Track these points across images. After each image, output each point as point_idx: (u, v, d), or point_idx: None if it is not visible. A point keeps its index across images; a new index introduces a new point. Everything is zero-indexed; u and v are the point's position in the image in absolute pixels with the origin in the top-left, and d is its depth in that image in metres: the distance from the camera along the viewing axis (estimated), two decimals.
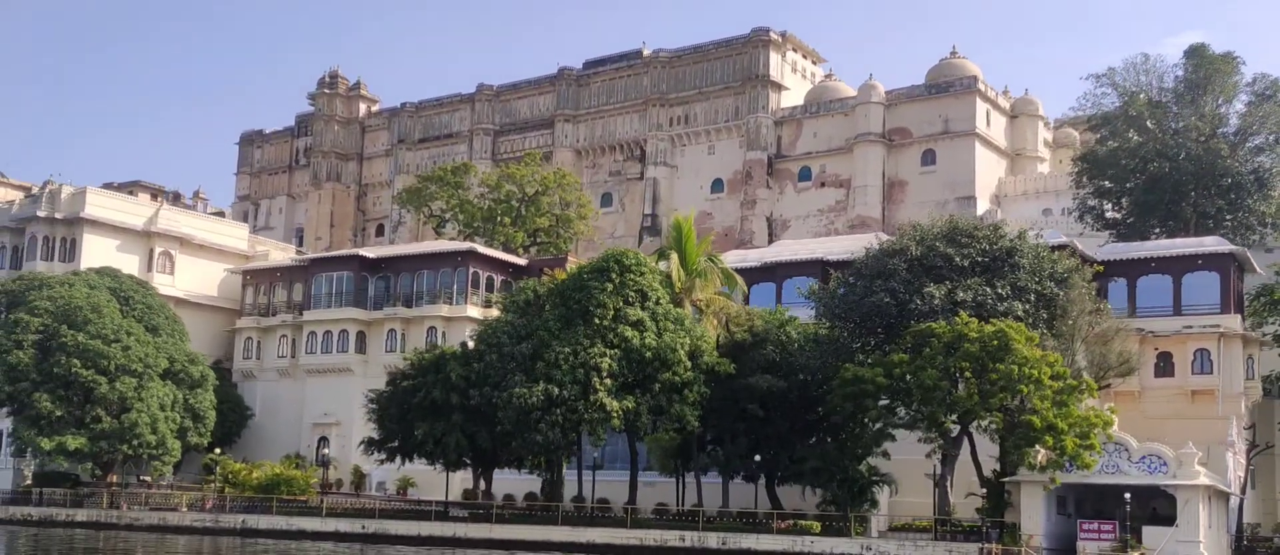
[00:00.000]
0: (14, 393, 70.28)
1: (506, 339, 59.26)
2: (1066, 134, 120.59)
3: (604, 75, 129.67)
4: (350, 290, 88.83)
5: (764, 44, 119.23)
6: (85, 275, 78.29)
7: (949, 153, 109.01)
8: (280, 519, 68.15)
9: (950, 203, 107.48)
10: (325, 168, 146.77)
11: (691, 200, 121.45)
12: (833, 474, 56.27)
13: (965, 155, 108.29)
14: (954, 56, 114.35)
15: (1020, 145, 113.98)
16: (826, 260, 77.46)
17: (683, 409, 56.83)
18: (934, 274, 55.28)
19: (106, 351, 71.14)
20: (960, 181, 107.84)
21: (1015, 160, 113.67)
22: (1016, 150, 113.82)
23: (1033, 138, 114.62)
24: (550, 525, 60.54)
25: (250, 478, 72.86)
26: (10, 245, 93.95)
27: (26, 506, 78.10)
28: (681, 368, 56.96)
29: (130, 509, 73.81)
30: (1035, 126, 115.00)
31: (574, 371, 56.52)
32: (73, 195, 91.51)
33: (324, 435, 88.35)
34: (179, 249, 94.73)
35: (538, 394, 56.02)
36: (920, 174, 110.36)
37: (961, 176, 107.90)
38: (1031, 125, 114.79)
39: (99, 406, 71.02)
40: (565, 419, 56.44)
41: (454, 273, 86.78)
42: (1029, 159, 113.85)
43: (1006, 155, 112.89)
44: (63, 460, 71.81)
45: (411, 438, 61.14)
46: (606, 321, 57.89)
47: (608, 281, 58.73)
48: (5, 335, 71.03)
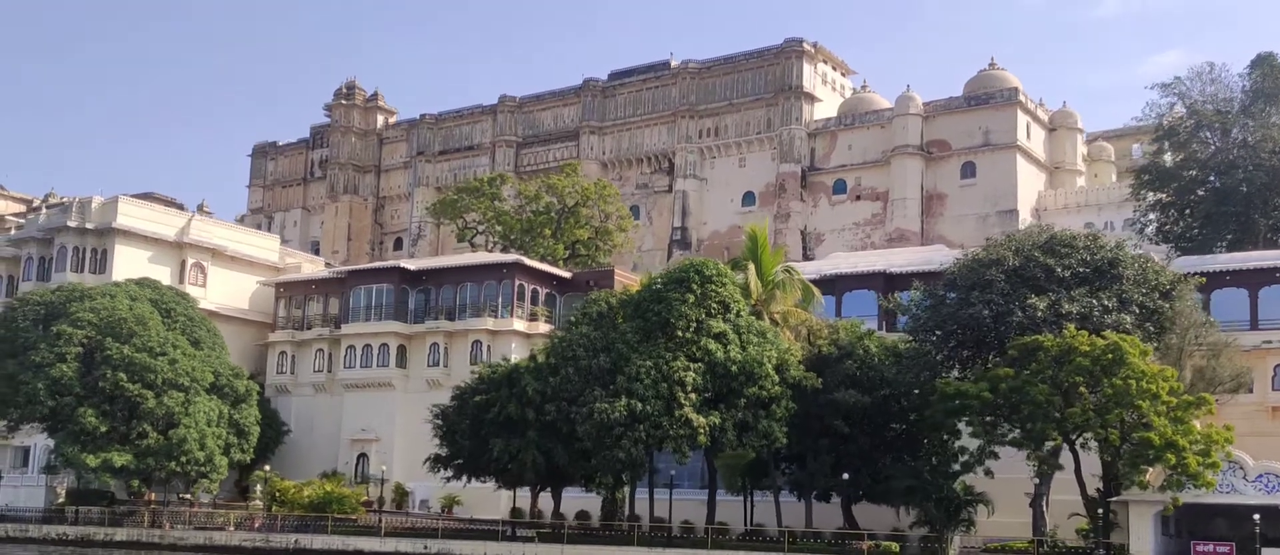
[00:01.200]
0: (56, 407, 67.39)
1: (582, 352, 56.86)
2: (1100, 148, 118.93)
3: (631, 86, 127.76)
4: (390, 303, 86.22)
5: (797, 55, 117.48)
6: (126, 286, 75.57)
7: (990, 165, 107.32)
8: (336, 539, 65.41)
9: (991, 216, 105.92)
10: (342, 180, 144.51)
11: (722, 213, 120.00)
12: (928, 492, 53.89)
13: (1007, 168, 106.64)
14: (993, 68, 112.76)
15: (1059, 158, 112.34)
16: (888, 272, 75.37)
17: (770, 424, 54.52)
18: (1033, 285, 53.12)
19: (153, 365, 68.42)
20: (1002, 194, 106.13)
21: (1054, 174, 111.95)
22: (1055, 164, 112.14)
23: (1072, 151, 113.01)
24: (626, 546, 58.11)
25: (300, 496, 70.15)
26: (37, 256, 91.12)
27: (62, 525, 75.20)
28: (769, 382, 54.68)
29: (173, 528, 71.01)
30: (1074, 140, 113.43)
31: (656, 386, 54.20)
32: (103, 205, 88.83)
33: (363, 451, 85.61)
34: (211, 260, 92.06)
35: (620, 409, 53.67)
36: (960, 186, 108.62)
37: (1003, 189, 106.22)
38: (1070, 138, 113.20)
39: (145, 422, 68.24)
40: (648, 435, 54.10)
41: (499, 285, 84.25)
42: (1068, 172, 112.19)
43: (1046, 168, 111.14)
44: (108, 478, 68.98)
45: (484, 454, 58.52)
46: (688, 334, 55.61)
47: (688, 292, 56.41)
48: (47, 348, 68.18)
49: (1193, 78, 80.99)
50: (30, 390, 67.21)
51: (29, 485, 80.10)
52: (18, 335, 71.19)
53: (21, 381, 67.87)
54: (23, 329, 71.37)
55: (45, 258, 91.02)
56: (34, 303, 73.13)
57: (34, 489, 79.45)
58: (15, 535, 76.22)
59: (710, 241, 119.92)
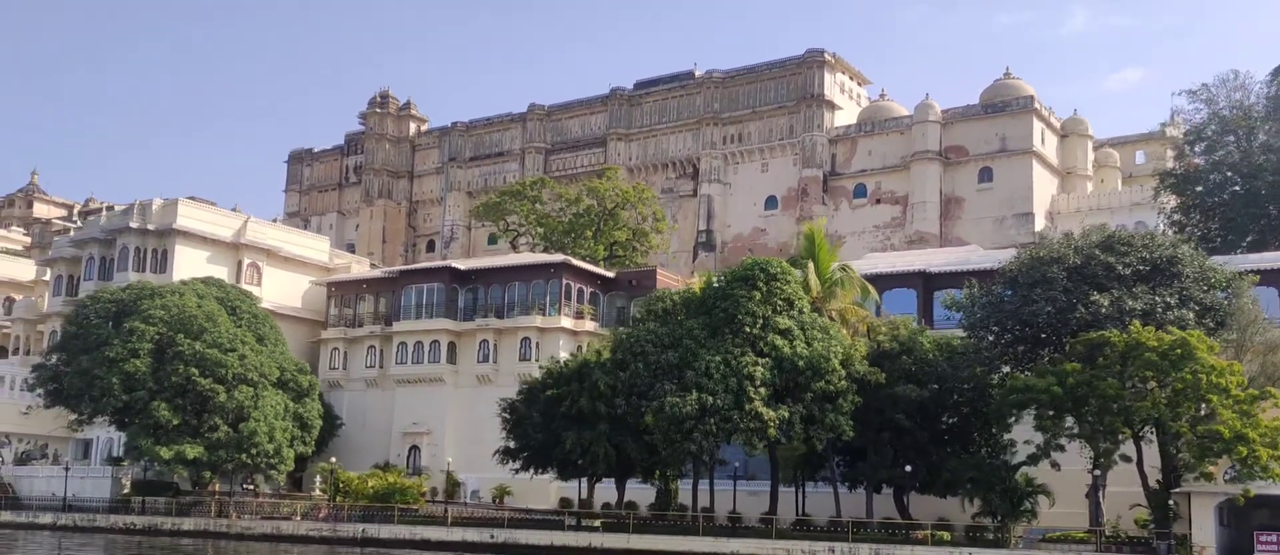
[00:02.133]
0: (130, 401, 65.68)
1: (651, 348, 55.31)
2: (1106, 154, 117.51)
3: (656, 95, 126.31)
4: (441, 301, 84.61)
5: (819, 65, 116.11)
6: (193, 284, 73.90)
7: (1006, 170, 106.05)
8: (403, 528, 63.75)
9: (1008, 219, 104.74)
10: (377, 185, 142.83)
11: (745, 217, 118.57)
12: (991, 484, 52.39)
13: (1023, 173, 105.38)
14: (1008, 77, 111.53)
15: (1070, 164, 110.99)
16: (928, 272, 74.00)
17: (837, 418, 52.99)
18: (1093, 282, 51.67)
19: (223, 360, 66.74)
20: (1018, 198, 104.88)
21: (1065, 178, 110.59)
22: (1067, 169, 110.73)
23: (1083, 157, 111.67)
24: (690, 535, 56.47)
25: (364, 486, 68.47)
26: (99, 256, 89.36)
27: (128, 515, 73.43)
28: (836, 376, 53.15)
29: (240, 518, 69.27)
30: (1085, 146, 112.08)
31: (726, 380, 52.68)
32: (163, 207, 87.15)
33: (415, 444, 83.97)
34: (266, 261, 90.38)
35: (691, 402, 52.13)
36: (977, 191, 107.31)
37: (1019, 194, 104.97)
38: (1081, 145, 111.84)
39: (216, 415, 66.52)
40: (718, 428, 52.56)
41: (546, 284, 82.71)
42: (1079, 177, 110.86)
43: (1058, 173, 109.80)
44: (182, 469, 67.20)
45: (555, 446, 56.85)
46: (755, 330, 54.11)
47: (754, 290, 54.93)
48: (121, 344, 66.45)
49: (1218, 85, 79.69)
50: (104, 384, 65.52)
51: (94, 476, 78.22)
52: (90, 332, 69.49)
53: (96, 376, 66.18)
54: (94, 326, 69.68)
55: (106, 258, 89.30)
56: (105, 300, 71.40)
57: (100, 480, 77.55)
58: (83, 524, 74.56)
59: (734, 244, 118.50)
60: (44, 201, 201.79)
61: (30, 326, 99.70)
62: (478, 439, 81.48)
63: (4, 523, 78.74)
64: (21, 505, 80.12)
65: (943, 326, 63.93)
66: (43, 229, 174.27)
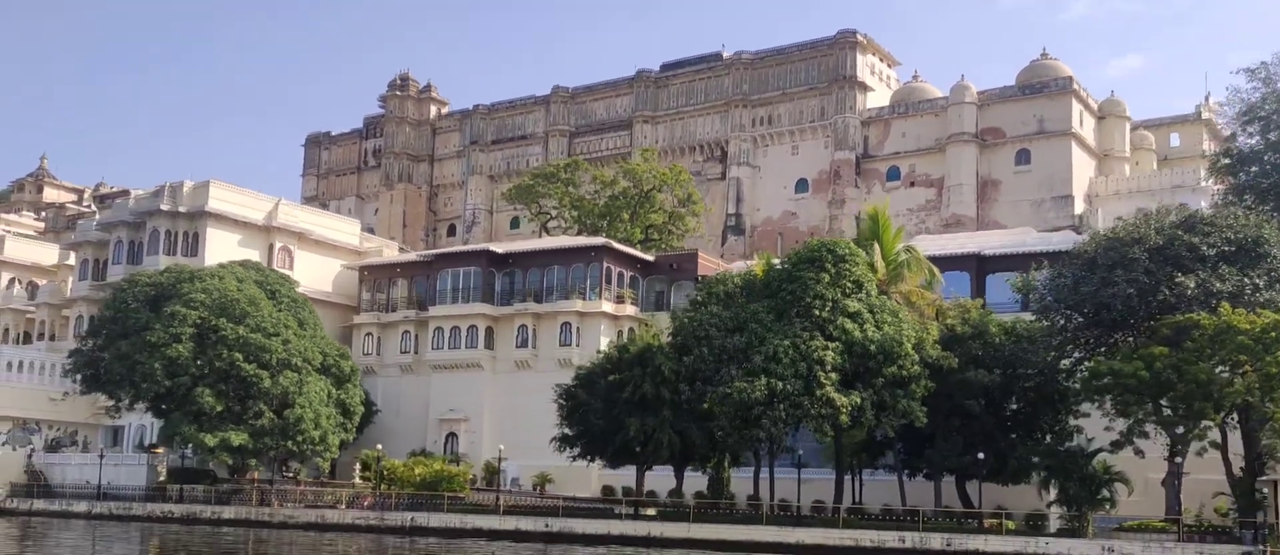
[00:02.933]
0: (173, 387, 64.09)
1: (715, 332, 53.76)
2: (1141, 137, 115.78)
3: (683, 77, 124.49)
4: (477, 286, 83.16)
5: (851, 46, 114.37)
6: (231, 267, 72.34)
7: (1044, 152, 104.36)
8: (453, 517, 62.33)
9: (1047, 202, 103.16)
10: (397, 169, 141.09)
11: (775, 200, 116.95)
12: (1068, 472, 50.93)
13: (1062, 155, 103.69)
14: (1044, 58, 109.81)
15: (1108, 146, 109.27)
16: (982, 254, 72.64)
17: (910, 404, 51.52)
18: (1177, 263, 50.13)
19: (267, 345, 65.18)
20: (1057, 181, 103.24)
21: (1103, 161, 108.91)
22: (1104, 151, 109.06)
23: (1120, 139, 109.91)
24: (754, 525, 55.01)
25: (410, 474, 67.00)
26: (128, 240, 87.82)
27: (165, 503, 72.04)
28: (909, 361, 51.67)
29: (283, 506, 67.81)
30: (1123, 128, 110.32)
31: (795, 365, 51.18)
32: (194, 189, 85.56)
33: (452, 431, 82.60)
34: (297, 244, 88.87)
35: (760, 388, 50.63)
36: (1015, 173, 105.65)
37: (1058, 176, 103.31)
38: (1119, 127, 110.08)
39: (260, 401, 64.97)
40: (788, 414, 51.08)
41: (586, 268, 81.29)
42: (1117, 160, 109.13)
43: (1095, 155, 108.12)
44: (227, 457, 65.66)
45: (617, 433, 55.29)
46: (824, 313, 52.58)
47: (823, 272, 53.40)
48: (162, 328, 64.85)
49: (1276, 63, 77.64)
50: (146, 370, 63.92)
51: (129, 464, 76.73)
52: (129, 316, 67.94)
53: (137, 361, 64.61)
54: (133, 310, 68.08)
55: (135, 241, 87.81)
56: (143, 284, 69.82)
57: (134, 468, 76.07)
58: (119, 513, 73.15)
59: (763, 227, 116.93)
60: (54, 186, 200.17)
61: (55, 312, 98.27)
62: (517, 425, 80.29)
63: (37, 511, 77.41)
64: (54, 493, 78.78)
65: (997, 309, 62.47)
66: (57, 213, 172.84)
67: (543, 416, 79.07)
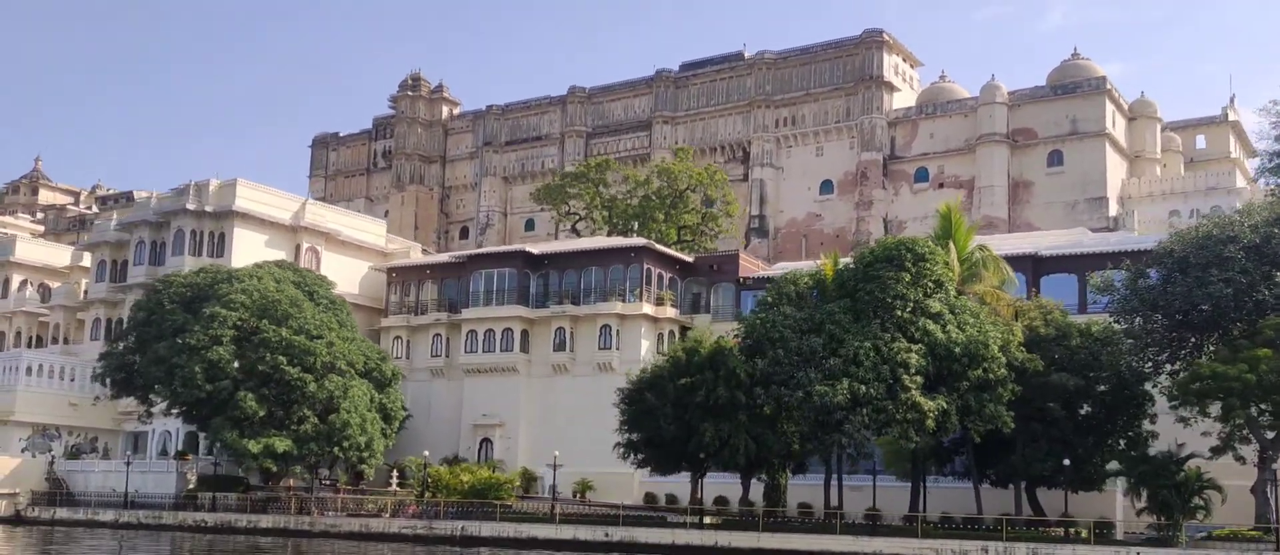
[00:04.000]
0: (213, 391, 61.62)
1: (790, 333, 51.73)
2: (1169, 138, 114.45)
3: (704, 77, 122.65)
4: (513, 287, 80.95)
5: (877, 45, 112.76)
6: (268, 267, 69.96)
7: (1077, 154, 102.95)
8: (505, 525, 60.02)
9: (1080, 203, 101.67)
10: (408, 170, 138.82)
11: (799, 202, 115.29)
12: (1160, 479, 49.05)
13: (1095, 156, 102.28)
14: (1076, 58, 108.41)
15: (1139, 148, 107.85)
16: (1038, 255, 70.87)
17: (997, 409, 49.62)
18: (1276, 262, 48.37)
19: (311, 347, 62.78)
20: (1091, 182, 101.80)
21: (1134, 162, 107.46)
22: (1135, 152, 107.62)
23: (1151, 141, 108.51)
24: (826, 534, 52.86)
25: (457, 481, 64.76)
26: (150, 240, 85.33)
27: (197, 512, 69.53)
28: (996, 363, 49.76)
29: (323, 515, 65.45)
30: (1154, 129, 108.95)
31: (877, 368, 49.22)
32: (220, 188, 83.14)
33: (486, 436, 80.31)
34: (324, 245, 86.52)
35: (842, 392, 48.64)
36: (1047, 175, 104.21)
37: (1092, 177, 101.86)
38: (1150, 128, 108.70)
39: (305, 406, 62.59)
40: (871, 419, 49.10)
41: (625, 270, 79.12)
42: (1148, 161, 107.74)
43: (1127, 157, 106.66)
44: (271, 464, 63.23)
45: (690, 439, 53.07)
46: (906, 314, 50.65)
47: (903, 271, 51.46)
48: (201, 330, 62.44)
49: None
50: (186, 373, 61.44)
51: (157, 471, 74.24)
52: (165, 318, 65.51)
53: (176, 364, 62.13)
54: (169, 311, 65.66)
55: (157, 242, 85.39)
56: (178, 285, 67.37)
57: (163, 475, 73.60)
58: (148, 522, 70.69)
59: (787, 229, 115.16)
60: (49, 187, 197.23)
61: (70, 314, 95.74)
62: (555, 430, 78.18)
63: (61, 520, 74.84)
64: (77, 501, 76.15)
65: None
66: (58, 215, 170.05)
67: (581, 421, 77.53)
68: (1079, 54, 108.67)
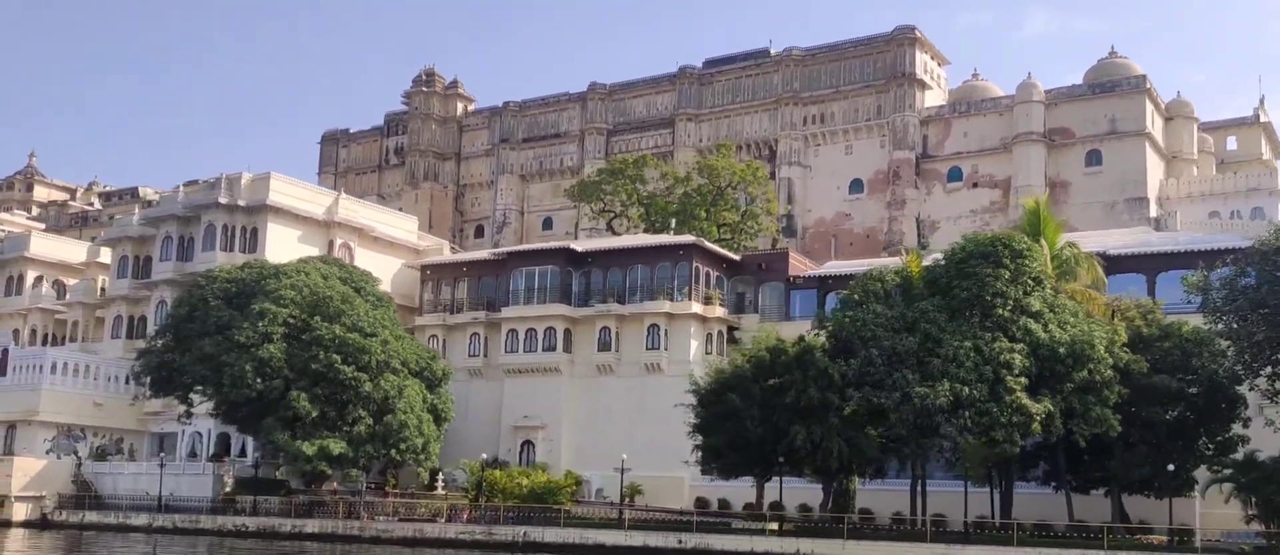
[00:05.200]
0: (265, 390, 58.86)
1: (883, 332, 49.48)
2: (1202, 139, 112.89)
3: (729, 74, 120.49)
4: (555, 286, 78.44)
5: (910, 42, 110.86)
6: (313, 263, 67.30)
7: (1116, 153, 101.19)
8: (570, 531, 57.55)
9: (1119, 203, 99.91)
10: (422, 167, 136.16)
11: (828, 201, 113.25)
12: (1272, 485, 47.03)
13: (1135, 156, 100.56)
14: (1114, 56, 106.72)
15: (1176, 148, 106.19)
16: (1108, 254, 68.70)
17: (1103, 411, 47.49)
18: None
19: (366, 345, 60.08)
20: (1131, 182, 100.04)
21: (1171, 163, 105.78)
22: (1172, 153, 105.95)
23: (1188, 141, 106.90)
24: (916, 542, 50.69)
25: (513, 485, 62.28)
26: (177, 235, 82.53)
27: (237, 516, 66.80)
28: (1102, 364, 47.62)
29: (373, 520, 62.81)
30: (1191, 129, 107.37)
31: (979, 369, 47.03)
32: (253, 181, 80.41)
33: (528, 438, 77.73)
34: (357, 241, 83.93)
35: (944, 393, 46.43)
36: (1084, 174, 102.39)
37: (1132, 177, 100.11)
38: (1187, 128, 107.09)
39: (359, 406, 59.89)
40: (973, 422, 46.88)
41: (673, 267, 76.71)
42: (1184, 161, 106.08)
43: (1164, 157, 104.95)
44: (326, 467, 60.49)
45: (781, 442, 50.61)
46: (1006, 312, 48.48)
47: (1001, 267, 49.29)
48: (251, 327, 59.71)
49: None
50: (236, 372, 58.67)
51: (192, 473, 71.42)
52: (209, 314, 62.76)
53: (225, 363, 59.34)
54: (213, 308, 62.93)
55: (185, 237, 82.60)
56: (222, 280, 64.63)
57: (198, 477, 70.77)
58: (185, 526, 67.87)
59: (816, 228, 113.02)
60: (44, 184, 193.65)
61: (89, 312, 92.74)
62: (599, 433, 75.85)
63: (90, 524, 72.02)
64: (106, 505, 73.30)
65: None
66: (59, 211, 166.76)
67: (628, 423, 75.17)
68: (1116, 52, 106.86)
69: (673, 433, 73.76)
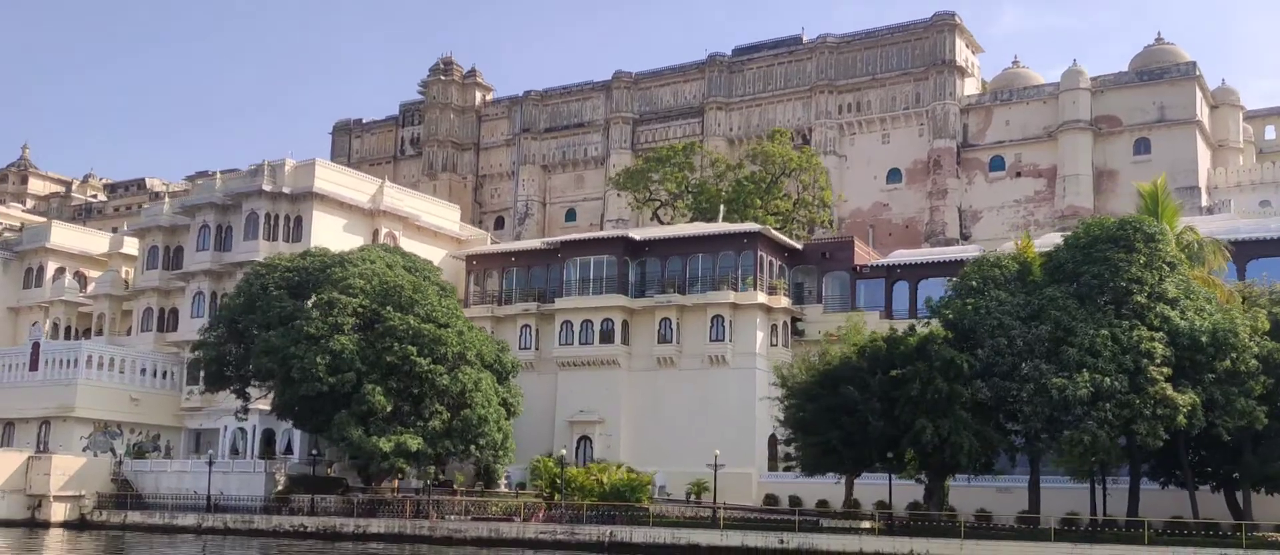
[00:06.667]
0: (336, 384, 55.44)
1: (1010, 320, 46.65)
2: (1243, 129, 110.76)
3: (760, 61, 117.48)
4: (612, 276, 75.45)
5: (950, 29, 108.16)
6: (374, 250, 64.01)
7: (1165, 141, 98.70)
8: (660, 531, 54.41)
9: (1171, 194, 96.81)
10: (440, 158, 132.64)
11: (865, 190, 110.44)
12: None
13: (1186, 144, 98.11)
14: (1160, 43, 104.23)
15: (1223, 136, 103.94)
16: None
17: (1249, 403, 44.82)
18: None
19: (442, 336, 56.79)
20: (1181, 171, 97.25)
21: (1217, 152, 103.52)
22: (1219, 141, 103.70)
23: (1235, 129, 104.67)
24: (1039, 541, 47.91)
25: (591, 482, 59.24)
26: (215, 224, 79.03)
27: (293, 515, 63.46)
28: (1247, 354, 44.96)
29: (443, 518, 59.58)
30: (1237, 117, 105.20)
31: (1118, 358, 44.27)
32: (297, 168, 77.04)
33: (585, 434, 74.70)
34: (402, 230, 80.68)
35: (1083, 384, 43.64)
36: (1133, 163, 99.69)
37: (1182, 166, 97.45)
38: (1233, 116, 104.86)
39: (436, 400, 56.61)
40: (1114, 415, 44.11)
41: (737, 256, 73.85)
42: (1231, 150, 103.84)
43: (1211, 146, 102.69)
44: (405, 464, 57.16)
45: (903, 436, 47.61)
46: (1142, 299, 45.74)
47: (1134, 252, 46.54)
48: (320, 318, 56.33)
49: None
50: (306, 364, 55.27)
51: (241, 471, 68.00)
52: (271, 304, 59.40)
53: (293, 355, 55.92)
54: (275, 297, 59.58)
55: (222, 226, 79.13)
56: (284, 269, 61.25)
57: (249, 475, 67.32)
58: (237, 527, 64.56)
59: (852, 219, 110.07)
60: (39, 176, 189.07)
61: (116, 304, 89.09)
62: (659, 427, 73.17)
63: (132, 524, 68.56)
64: (148, 504, 69.80)
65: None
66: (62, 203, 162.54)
67: (690, 417, 72.32)
68: (1162, 39, 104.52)
69: (739, 427, 71.25)
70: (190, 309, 78.41)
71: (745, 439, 70.40)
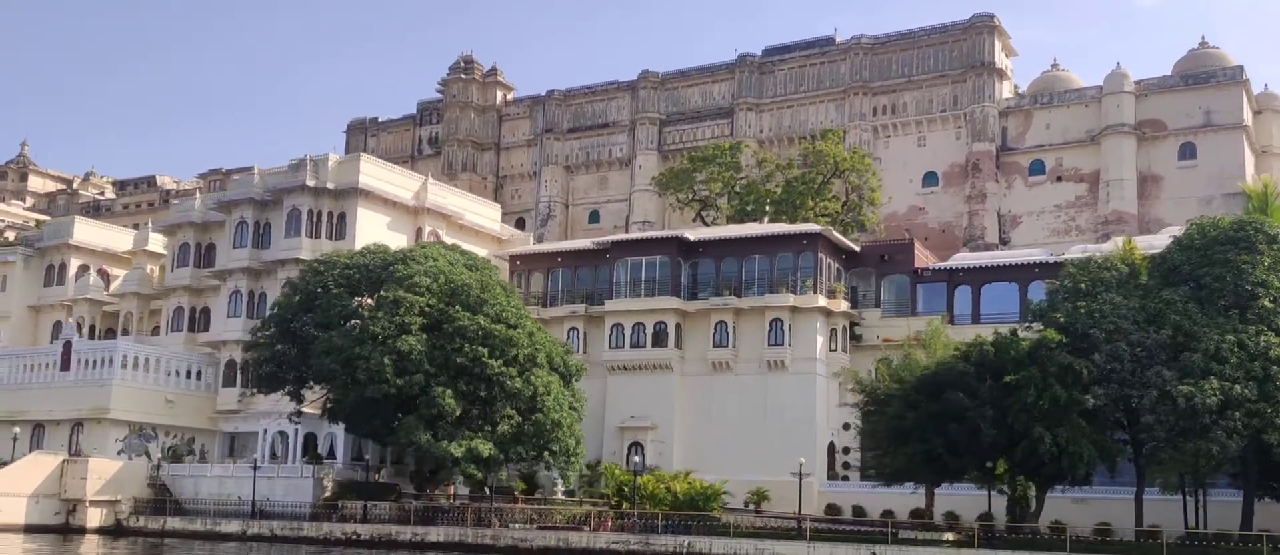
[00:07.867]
0: (403, 386, 52.80)
1: (1130, 324, 44.41)
2: None
3: (792, 62, 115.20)
4: (665, 277, 73.07)
5: (989, 30, 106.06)
6: (434, 248, 61.47)
7: (1211, 146, 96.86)
8: (741, 542, 52.02)
9: (1217, 199, 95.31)
10: (460, 158, 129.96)
11: (901, 194, 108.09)
12: None
13: (1233, 149, 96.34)
14: (1204, 47, 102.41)
15: (1265, 142, 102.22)
16: None
17: None
18: None
19: (512, 337, 54.20)
20: (1228, 176, 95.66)
21: (1260, 157, 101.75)
22: (1262, 147, 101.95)
23: (1275, 134, 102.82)
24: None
25: (661, 490, 56.79)
26: (253, 221, 76.30)
27: (344, 522, 60.79)
28: None
29: (506, 527, 57.02)
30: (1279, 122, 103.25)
31: (1245, 365, 42.08)
32: (341, 164, 74.48)
33: (636, 440, 72.23)
34: (445, 228, 78.07)
35: (1212, 391, 41.42)
36: (1177, 168, 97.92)
37: (1229, 171, 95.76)
38: (1275, 121, 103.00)
39: (507, 404, 54.05)
40: (1244, 424, 41.91)
41: (795, 258, 71.59)
42: (1274, 156, 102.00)
43: (1255, 151, 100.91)
44: (476, 469, 54.51)
45: (1020, 445, 45.18)
46: (1269, 302, 43.59)
47: (1256, 255, 44.39)
48: (386, 318, 53.71)
49: None
50: (374, 366, 52.59)
51: (288, 476, 65.30)
52: (331, 303, 56.81)
53: (358, 356, 53.23)
54: (335, 295, 56.99)
55: (261, 223, 76.42)
56: (342, 266, 58.63)
57: (295, 480, 64.62)
58: (285, 534, 61.90)
59: (888, 223, 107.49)
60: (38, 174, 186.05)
61: (143, 303, 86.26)
62: (714, 433, 70.91)
63: (171, 531, 65.81)
64: (186, 510, 67.08)
65: None
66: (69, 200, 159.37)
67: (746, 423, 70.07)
68: (1207, 43, 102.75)
69: (799, 434, 68.95)
70: (226, 308, 75.67)
71: (805, 446, 68.01)
